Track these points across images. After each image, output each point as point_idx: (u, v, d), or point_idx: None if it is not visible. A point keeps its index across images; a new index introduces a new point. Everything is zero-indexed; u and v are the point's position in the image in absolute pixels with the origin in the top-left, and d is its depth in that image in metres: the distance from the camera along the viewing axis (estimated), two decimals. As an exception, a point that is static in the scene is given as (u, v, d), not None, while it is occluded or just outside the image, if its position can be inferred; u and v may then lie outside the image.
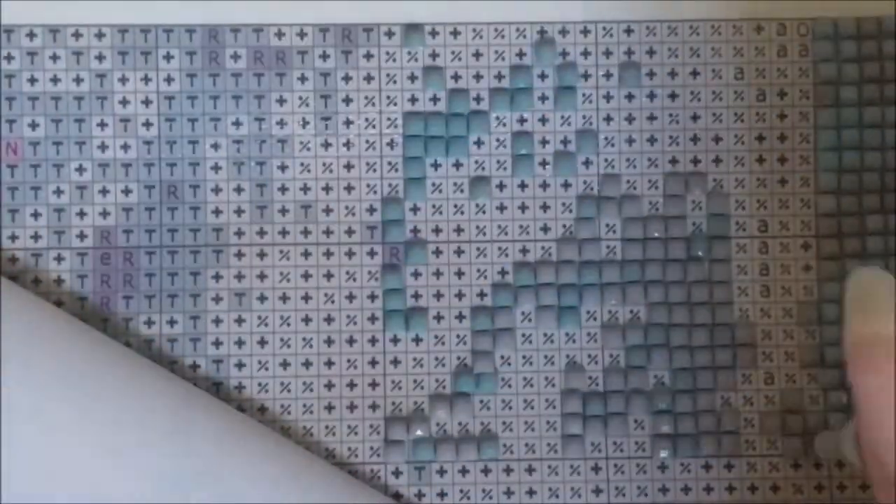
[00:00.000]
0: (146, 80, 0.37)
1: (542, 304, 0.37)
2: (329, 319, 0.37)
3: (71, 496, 0.33)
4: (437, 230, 0.38)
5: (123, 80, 0.37)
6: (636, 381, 0.37)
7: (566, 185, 0.38)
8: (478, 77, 0.38)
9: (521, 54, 0.38)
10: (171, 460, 0.33)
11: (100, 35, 0.37)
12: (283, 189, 0.37)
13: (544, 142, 0.38)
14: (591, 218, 0.38)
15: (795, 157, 0.38)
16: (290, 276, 0.37)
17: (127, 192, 0.37)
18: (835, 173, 0.38)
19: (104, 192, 0.37)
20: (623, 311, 0.38)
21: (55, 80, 0.37)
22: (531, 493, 0.37)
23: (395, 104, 0.38)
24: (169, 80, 0.37)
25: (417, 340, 0.37)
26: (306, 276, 0.37)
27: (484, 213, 0.38)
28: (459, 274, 0.38)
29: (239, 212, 0.37)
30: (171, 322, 0.37)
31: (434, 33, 0.38)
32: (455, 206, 0.38)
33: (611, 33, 0.38)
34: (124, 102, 0.37)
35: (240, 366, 0.37)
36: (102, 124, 0.37)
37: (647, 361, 0.37)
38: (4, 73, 0.37)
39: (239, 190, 0.37)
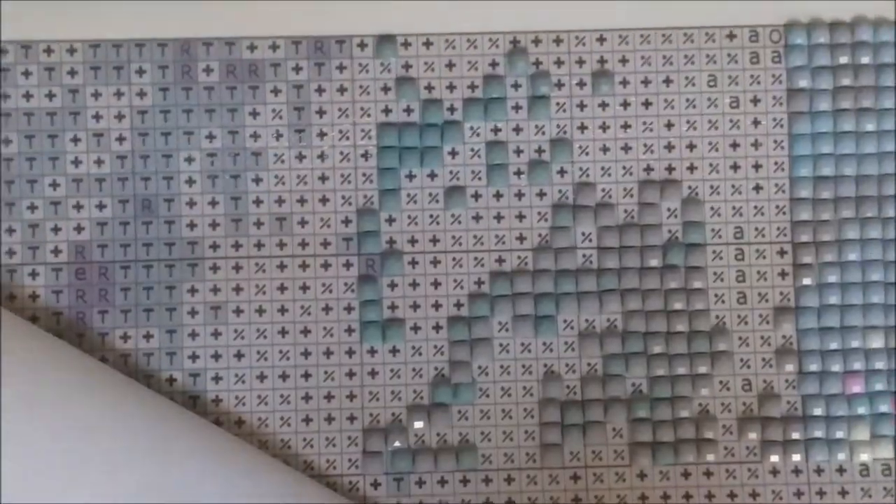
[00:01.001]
0: (119, 94, 0.37)
1: (518, 313, 0.37)
2: (305, 331, 0.37)
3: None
4: (412, 241, 0.38)
5: (96, 94, 0.37)
6: (614, 390, 0.37)
7: (541, 195, 0.38)
8: (451, 87, 0.38)
9: (493, 64, 0.38)
10: (148, 475, 0.33)
11: (71, 50, 0.37)
12: (258, 202, 0.37)
13: (518, 151, 0.38)
14: (566, 227, 0.38)
15: (770, 164, 0.38)
16: (266, 288, 0.37)
17: (101, 206, 0.37)
18: (809, 180, 0.38)
19: (78, 206, 0.37)
20: (600, 319, 0.38)
21: (27, 95, 0.37)
22: (510, 502, 0.37)
23: (369, 115, 0.38)
24: (142, 94, 0.37)
25: (394, 351, 0.37)
26: (282, 288, 0.37)
27: (459, 223, 0.38)
28: (436, 284, 0.38)
29: (214, 225, 0.37)
30: (147, 336, 0.37)
31: (407, 44, 0.38)
32: (430, 216, 0.38)
33: (583, 42, 0.38)
34: (97, 117, 0.37)
35: (217, 379, 0.37)
36: (76, 139, 0.37)
37: (625, 369, 0.37)
38: (-22, 89, 0.37)
39: (213, 203, 0.37)
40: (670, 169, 0.38)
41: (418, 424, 0.37)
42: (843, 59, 0.38)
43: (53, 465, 0.33)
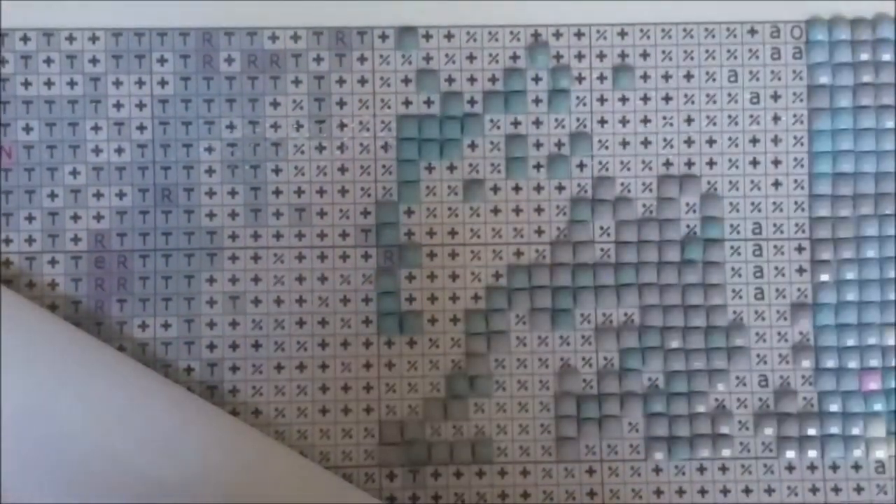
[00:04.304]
0: (140, 83, 0.37)
1: (536, 306, 0.37)
2: (323, 322, 0.37)
3: (65, 497, 0.33)
4: (431, 233, 0.38)
5: (117, 83, 0.37)
6: (630, 384, 0.37)
7: (560, 188, 0.38)
8: (472, 80, 0.38)
9: (514, 57, 0.38)
10: (165, 463, 0.33)
11: (94, 38, 0.37)
12: (278, 192, 0.37)
13: (538, 144, 0.38)
14: (585, 220, 0.38)
15: (789, 160, 0.38)
16: (285, 279, 0.37)
17: (121, 195, 0.37)
18: (829, 177, 0.38)
19: (98, 195, 0.37)
20: (617, 313, 0.38)
21: (49, 83, 0.37)
22: (526, 495, 0.37)
23: (389, 107, 0.38)
24: (163, 83, 0.37)
25: (412, 343, 0.37)
26: (300, 279, 0.37)
27: (478, 215, 0.38)
28: (454, 277, 0.38)
29: (233, 215, 0.37)
30: (166, 325, 0.37)
31: (428, 36, 0.38)
32: (449, 208, 0.38)
33: (605, 36, 0.38)
34: (118, 106, 0.37)
35: (234, 369, 0.37)
36: (96, 128, 0.37)
37: (642, 364, 0.37)
38: (-2, 76, 0.37)
39: (233, 193, 0.37)
40: (689, 164, 0.38)
41: (435, 416, 0.37)
42: (865, 56, 0.38)
43: (71, 453, 0.33)
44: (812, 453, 0.37)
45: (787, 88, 0.38)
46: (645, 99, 0.38)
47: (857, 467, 0.37)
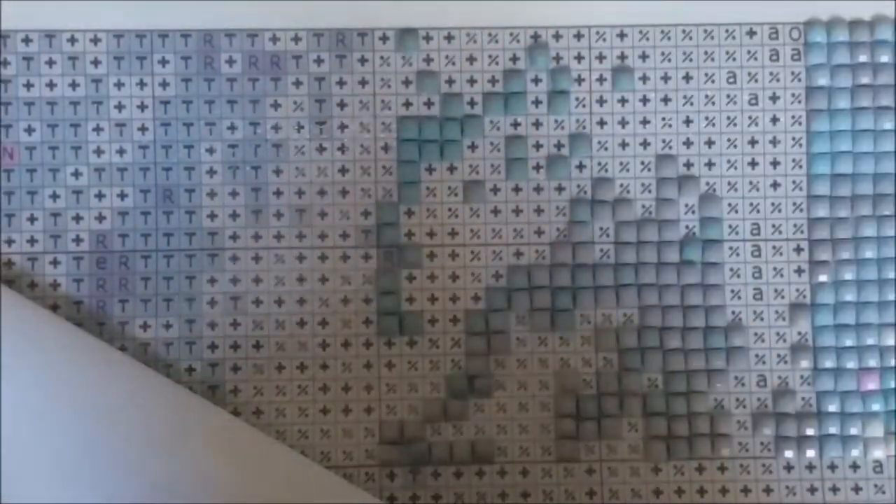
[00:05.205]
0: (142, 84, 0.37)
1: (536, 307, 0.38)
2: (324, 323, 0.37)
3: (65, 497, 0.33)
4: (431, 233, 0.38)
5: (119, 84, 0.37)
6: (630, 384, 0.38)
7: (560, 189, 0.38)
8: (472, 81, 0.38)
9: (514, 59, 0.38)
10: (167, 463, 0.33)
11: (95, 40, 0.37)
12: (278, 193, 0.38)
13: (538, 146, 0.38)
14: (584, 221, 0.38)
15: (788, 161, 0.38)
16: (285, 279, 0.37)
17: (123, 196, 0.37)
18: (827, 177, 0.38)
19: (100, 196, 0.37)
20: (617, 313, 0.38)
21: (51, 84, 0.37)
22: (525, 495, 0.37)
23: (390, 108, 0.38)
24: (164, 84, 0.37)
25: (412, 344, 0.37)
26: (301, 279, 0.37)
27: (478, 216, 0.38)
28: (454, 277, 0.38)
29: (234, 216, 0.37)
30: (167, 326, 0.37)
31: (428, 38, 0.38)
32: (449, 209, 0.38)
33: (604, 37, 0.38)
34: (120, 107, 0.37)
35: (235, 369, 0.37)
36: (98, 129, 0.37)
37: (641, 364, 0.38)
38: (0, 78, 0.37)
39: (234, 194, 0.37)
40: (688, 165, 0.38)
41: (435, 416, 0.37)
42: (863, 58, 0.38)
43: (72, 454, 0.33)
44: (810, 453, 0.37)
45: (785, 90, 0.38)
46: (644, 100, 0.38)
47: (855, 467, 0.37)
